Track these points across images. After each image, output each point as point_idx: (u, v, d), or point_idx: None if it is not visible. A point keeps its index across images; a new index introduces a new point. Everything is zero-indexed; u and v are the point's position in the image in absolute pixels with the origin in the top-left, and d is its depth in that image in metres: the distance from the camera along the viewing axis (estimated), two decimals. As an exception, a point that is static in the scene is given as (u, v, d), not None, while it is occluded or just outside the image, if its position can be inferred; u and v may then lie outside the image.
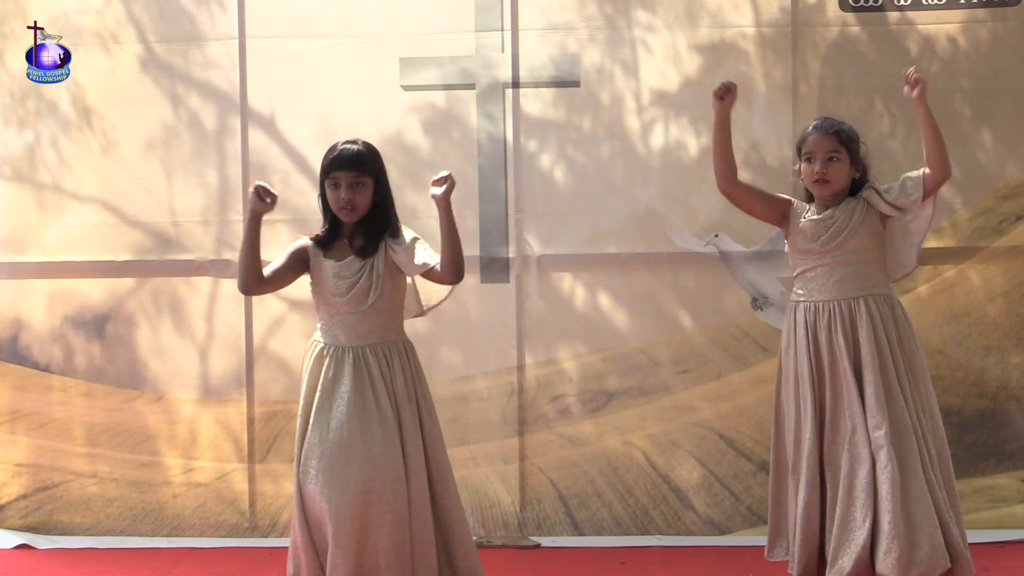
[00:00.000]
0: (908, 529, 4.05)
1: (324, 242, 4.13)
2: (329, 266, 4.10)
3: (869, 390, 4.14)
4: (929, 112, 4.20)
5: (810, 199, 4.36)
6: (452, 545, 4.12)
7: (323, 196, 4.14)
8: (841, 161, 4.23)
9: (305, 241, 4.18)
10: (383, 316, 4.11)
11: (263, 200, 4.06)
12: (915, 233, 4.29)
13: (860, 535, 4.09)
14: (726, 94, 4.25)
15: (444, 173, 4.07)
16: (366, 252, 4.08)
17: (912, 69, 4.25)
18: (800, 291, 4.30)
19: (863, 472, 4.12)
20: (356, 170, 4.06)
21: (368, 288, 4.06)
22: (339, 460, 3.96)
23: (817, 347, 4.22)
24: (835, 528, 4.15)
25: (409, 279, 4.20)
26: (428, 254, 4.11)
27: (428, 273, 4.12)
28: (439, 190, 4.04)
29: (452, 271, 4.08)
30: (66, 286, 5.68)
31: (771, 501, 4.41)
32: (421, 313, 4.29)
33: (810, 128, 4.30)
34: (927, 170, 4.24)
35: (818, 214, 4.27)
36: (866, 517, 4.09)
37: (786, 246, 4.39)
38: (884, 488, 4.07)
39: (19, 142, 5.71)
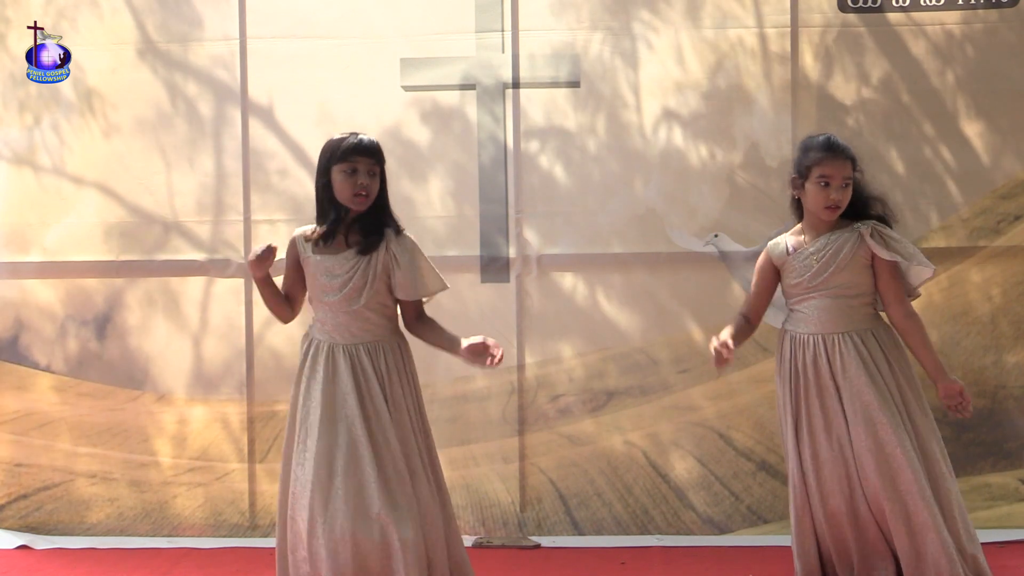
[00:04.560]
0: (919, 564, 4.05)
1: (324, 237, 4.06)
2: (320, 262, 4.05)
3: (859, 430, 4.09)
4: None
5: (798, 219, 4.28)
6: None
7: (326, 187, 4.06)
8: (851, 186, 4.15)
9: (293, 235, 4.15)
10: (376, 315, 4.07)
11: (262, 263, 4.02)
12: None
13: (887, 566, 4.09)
14: (723, 362, 4.18)
15: (494, 353, 4.00)
16: (367, 248, 4.03)
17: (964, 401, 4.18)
18: (789, 322, 4.26)
19: (863, 507, 4.10)
20: (374, 157, 4.04)
21: (362, 287, 4.01)
22: (354, 502, 3.94)
23: (797, 380, 4.19)
24: (856, 563, 4.14)
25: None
26: (426, 281, 4.07)
27: (404, 302, 4.09)
28: (480, 359, 4.00)
29: (415, 329, 4.11)
30: (66, 286, 5.67)
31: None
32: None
33: (820, 150, 4.15)
34: (906, 305, 4.20)
35: (808, 240, 4.20)
36: (886, 548, 4.10)
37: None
38: (896, 529, 4.06)
39: (20, 141, 5.71)
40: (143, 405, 5.67)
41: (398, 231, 4.09)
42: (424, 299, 4.16)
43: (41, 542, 5.51)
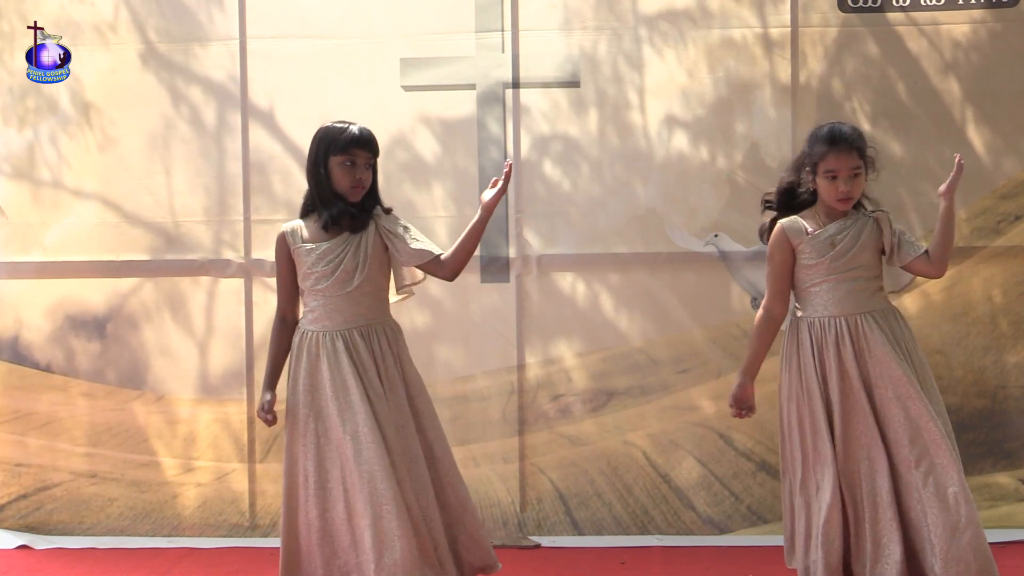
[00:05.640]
0: (959, 539, 4.02)
1: (328, 225, 4.05)
2: (312, 250, 4.05)
3: (891, 406, 4.09)
4: (952, 208, 4.18)
5: (807, 205, 4.26)
6: (456, 521, 4.11)
7: (324, 177, 4.06)
8: (861, 174, 4.16)
9: (280, 231, 4.14)
10: (369, 298, 4.08)
11: (269, 413, 4.18)
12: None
13: (895, 550, 4.05)
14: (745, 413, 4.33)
15: (501, 180, 4.11)
16: (358, 227, 4.04)
17: (959, 157, 4.20)
18: (804, 308, 4.24)
19: (884, 485, 4.08)
20: (371, 150, 4.08)
21: (353, 269, 4.03)
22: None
23: (823, 364, 4.17)
24: (868, 545, 4.11)
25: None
26: (426, 242, 4.10)
27: (423, 264, 4.10)
28: (491, 193, 4.09)
29: (453, 269, 4.08)
30: (67, 286, 5.67)
31: (788, 516, 4.36)
32: (404, 287, 4.21)
33: (825, 144, 4.15)
34: (925, 255, 4.21)
35: (823, 225, 4.20)
36: (897, 530, 4.06)
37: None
38: (930, 499, 4.03)
39: (19, 141, 5.71)
40: (143, 405, 5.67)
41: (386, 210, 4.11)
42: (429, 257, 4.10)
43: (41, 542, 5.51)
